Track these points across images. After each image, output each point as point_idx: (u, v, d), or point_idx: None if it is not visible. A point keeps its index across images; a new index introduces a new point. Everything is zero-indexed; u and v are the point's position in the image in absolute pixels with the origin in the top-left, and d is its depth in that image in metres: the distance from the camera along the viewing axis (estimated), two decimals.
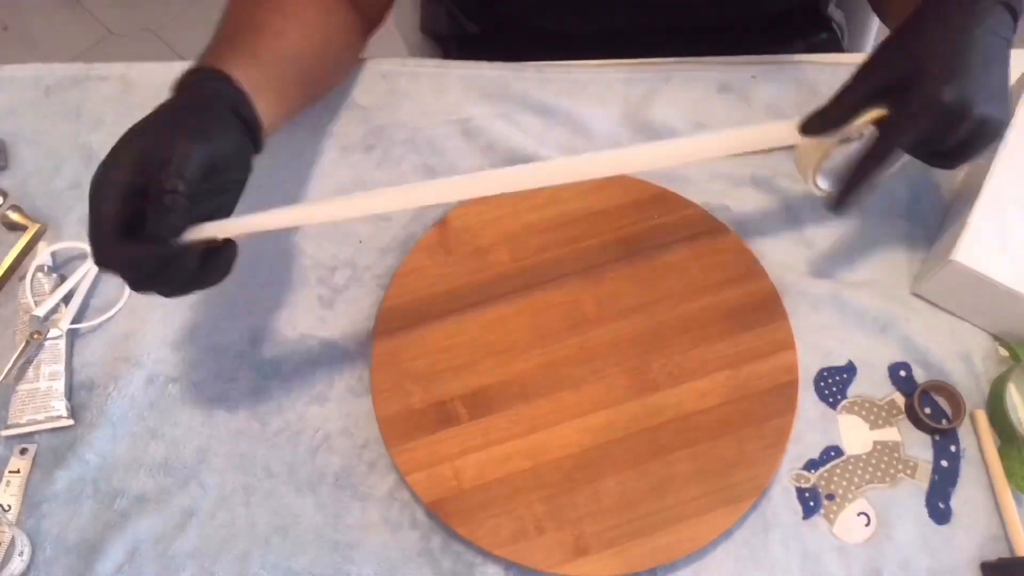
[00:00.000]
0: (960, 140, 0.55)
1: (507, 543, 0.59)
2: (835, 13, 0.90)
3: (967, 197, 0.66)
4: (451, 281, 0.67)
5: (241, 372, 0.66)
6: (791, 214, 0.68)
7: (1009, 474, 0.60)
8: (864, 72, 0.56)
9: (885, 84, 0.56)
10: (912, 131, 0.54)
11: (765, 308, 0.66)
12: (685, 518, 0.59)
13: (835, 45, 0.90)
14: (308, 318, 0.68)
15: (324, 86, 0.75)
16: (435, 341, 0.65)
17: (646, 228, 0.69)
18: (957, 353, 0.65)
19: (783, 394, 0.63)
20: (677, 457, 0.61)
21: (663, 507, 0.59)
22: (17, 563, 0.59)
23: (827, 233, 0.69)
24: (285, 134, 0.76)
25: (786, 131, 0.57)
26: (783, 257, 0.69)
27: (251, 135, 0.59)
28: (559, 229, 0.69)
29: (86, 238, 0.70)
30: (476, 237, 0.69)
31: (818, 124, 0.56)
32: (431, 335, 0.66)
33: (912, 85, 0.54)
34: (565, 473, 0.61)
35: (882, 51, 0.57)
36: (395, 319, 0.66)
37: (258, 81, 0.61)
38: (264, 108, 0.61)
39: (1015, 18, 0.57)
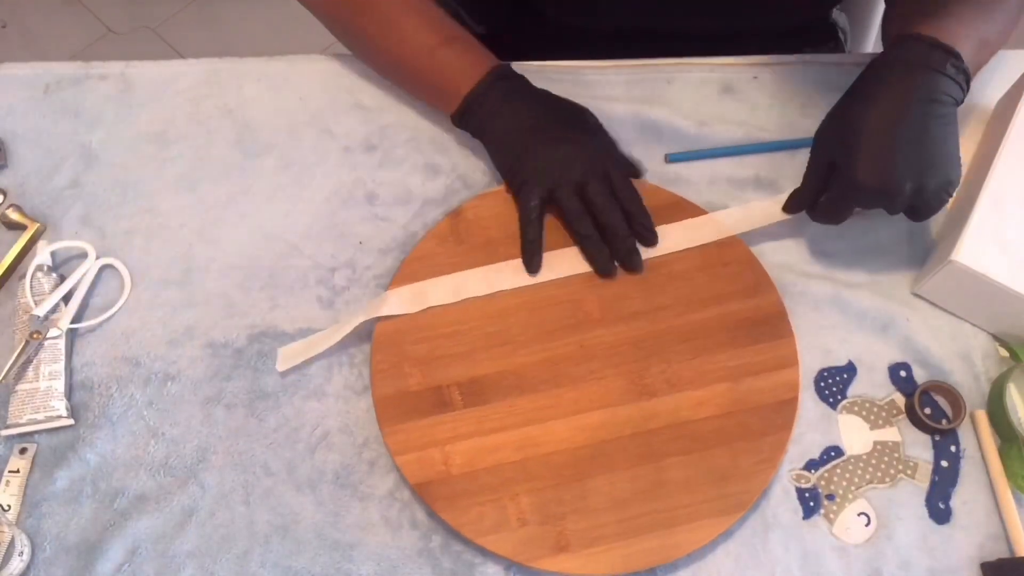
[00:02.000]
0: (905, 208, 0.60)
1: (488, 532, 0.58)
2: (839, 18, 0.90)
3: (968, 197, 0.66)
4: (459, 270, 0.67)
5: (240, 372, 0.66)
6: (801, 225, 0.68)
7: (1009, 474, 0.60)
8: (813, 152, 0.64)
9: (827, 163, 0.62)
10: (843, 209, 0.62)
11: (771, 323, 0.65)
12: (672, 524, 0.59)
13: (839, 51, 0.90)
14: (307, 319, 0.68)
15: None
16: (437, 327, 0.65)
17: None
18: (957, 353, 0.65)
19: (782, 411, 0.62)
20: (669, 464, 0.61)
21: (650, 511, 0.59)
22: (17, 563, 0.59)
23: (827, 233, 0.69)
24: (287, 135, 0.76)
25: (773, 209, 0.67)
26: (783, 257, 0.69)
27: None
28: (565, 229, 0.69)
29: (85, 237, 0.71)
30: (488, 229, 0.69)
31: (795, 204, 0.66)
32: (434, 321, 0.66)
33: (842, 168, 0.60)
34: (554, 469, 0.61)
35: (822, 130, 0.63)
36: None
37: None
38: None
39: (960, 69, 0.59)
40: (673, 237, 0.68)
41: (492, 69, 0.69)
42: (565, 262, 0.68)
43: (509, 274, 0.67)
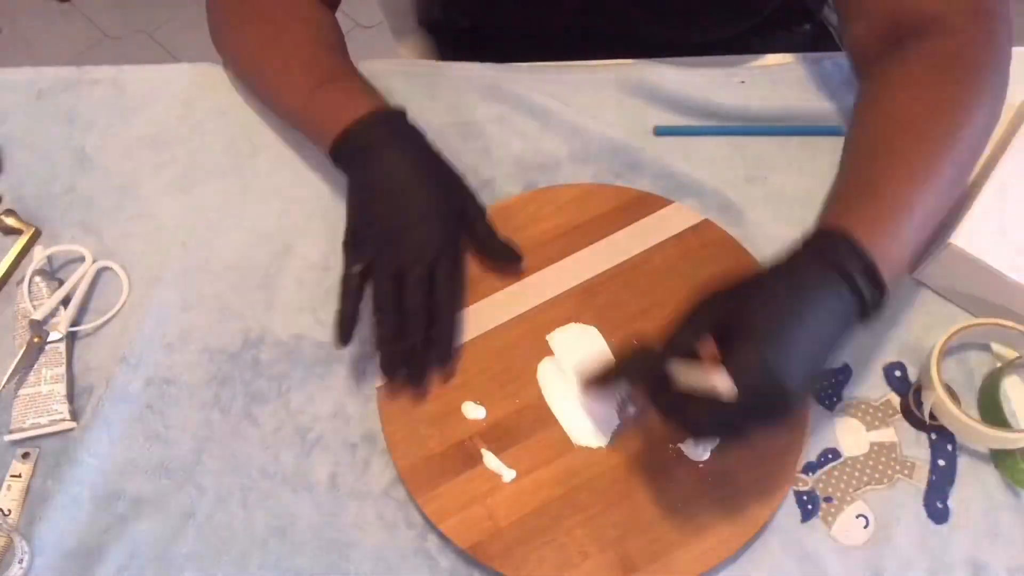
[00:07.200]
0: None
1: (554, 574, 0.57)
2: (830, 15, 0.91)
3: (976, 187, 0.66)
4: None
5: (235, 373, 0.66)
6: (791, 216, 0.68)
7: (1003, 469, 0.60)
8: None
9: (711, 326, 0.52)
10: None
11: None
12: (727, 515, 0.58)
13: (827, 37, 0.91)
14: (301, 318, 0.68)
15: None
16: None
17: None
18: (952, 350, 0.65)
19: None
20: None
21: (700, 509, 0.58)
22: (16, 569, 0.59)
23: None
24: (279, 134, 0.76)
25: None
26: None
27: None
28: (543, 248, 0.68)
29: (81, 241, 0.71)
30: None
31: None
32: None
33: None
34: (599, 493, 0.59)
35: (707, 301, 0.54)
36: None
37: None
38: None
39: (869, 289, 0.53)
40: (643, 233, 0.68)
41: (375, 110, 0.65)
42: (543, 284, 0.67)
43: (499, 306, 0.66)
